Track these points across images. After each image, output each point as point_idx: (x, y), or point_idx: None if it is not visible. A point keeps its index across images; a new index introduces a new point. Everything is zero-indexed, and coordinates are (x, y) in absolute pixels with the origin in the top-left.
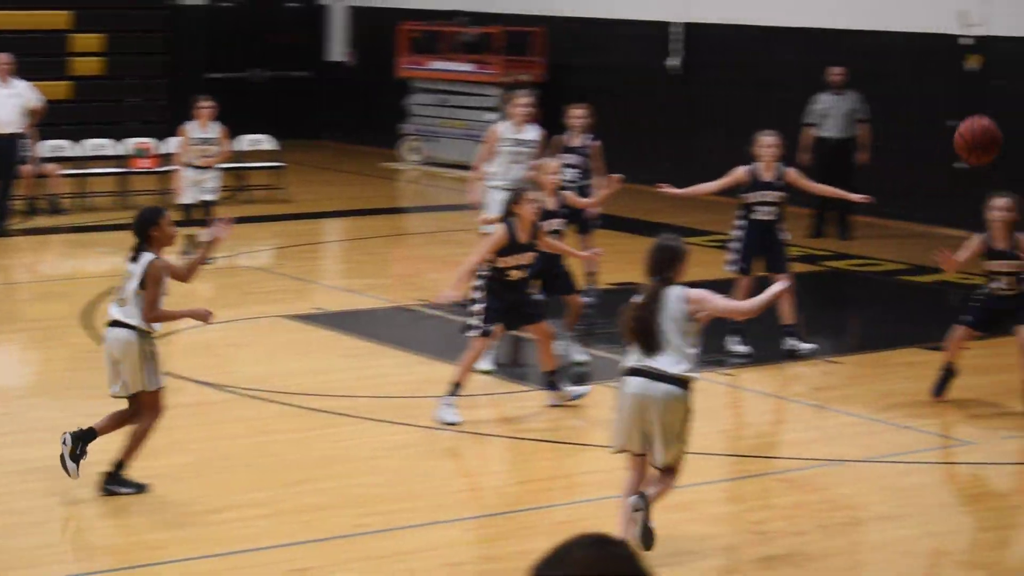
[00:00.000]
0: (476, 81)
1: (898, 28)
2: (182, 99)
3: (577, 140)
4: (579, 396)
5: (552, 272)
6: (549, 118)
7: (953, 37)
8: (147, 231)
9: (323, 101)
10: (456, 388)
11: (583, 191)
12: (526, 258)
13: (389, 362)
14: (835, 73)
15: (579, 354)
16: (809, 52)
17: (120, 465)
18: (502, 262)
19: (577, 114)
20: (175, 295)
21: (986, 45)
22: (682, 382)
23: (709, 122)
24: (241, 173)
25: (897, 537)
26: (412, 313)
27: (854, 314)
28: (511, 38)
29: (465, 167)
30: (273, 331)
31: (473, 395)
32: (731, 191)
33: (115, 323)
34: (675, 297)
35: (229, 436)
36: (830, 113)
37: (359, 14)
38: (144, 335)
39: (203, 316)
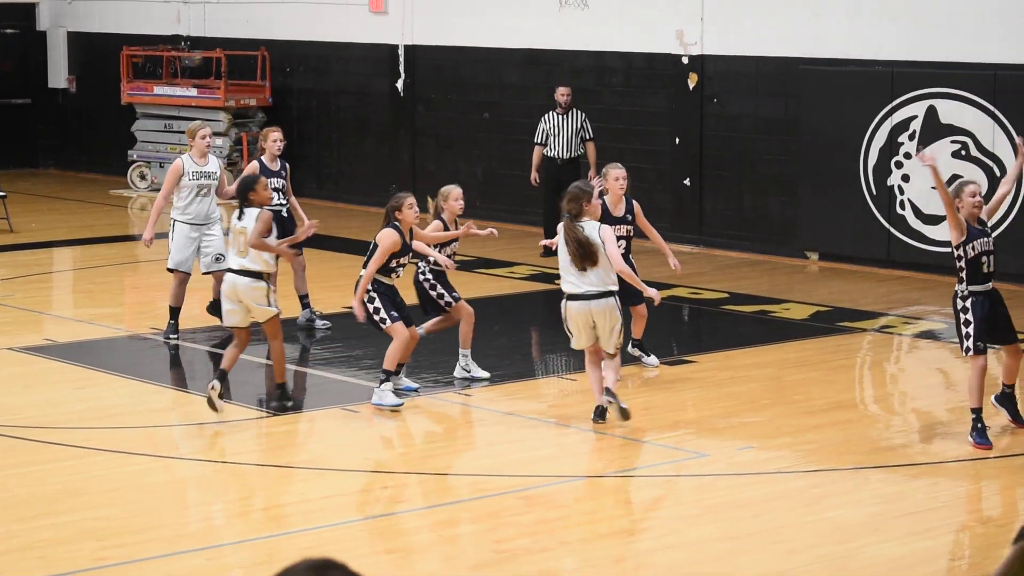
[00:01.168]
0: (201, 106)
1: (623, 48)
2: None
3: (277, 163)
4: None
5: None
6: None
7: (677, 56)
8: (246, 194)
9: (44, 128)
10: (389, 375)
11: (288, 214)
12: (406, 259)
13: (123, 392)
14: (561, 93)
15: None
16: (532, 73)
17: (283, 386)
18: (394, 262)
19: (276, 137)
20: None
21: (701, 63)
22: (609, 293)
23: (435, 143)
24: None
25: (638, 550)
26: (146, 341)
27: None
28: (234, 62)
29: None
30: (1, 364)
31: (218, 422)
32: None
33: (241, 272)
34: (591, 229)
35: None
36: (556, 132)
37: (80, 40)
38: (267, 276)
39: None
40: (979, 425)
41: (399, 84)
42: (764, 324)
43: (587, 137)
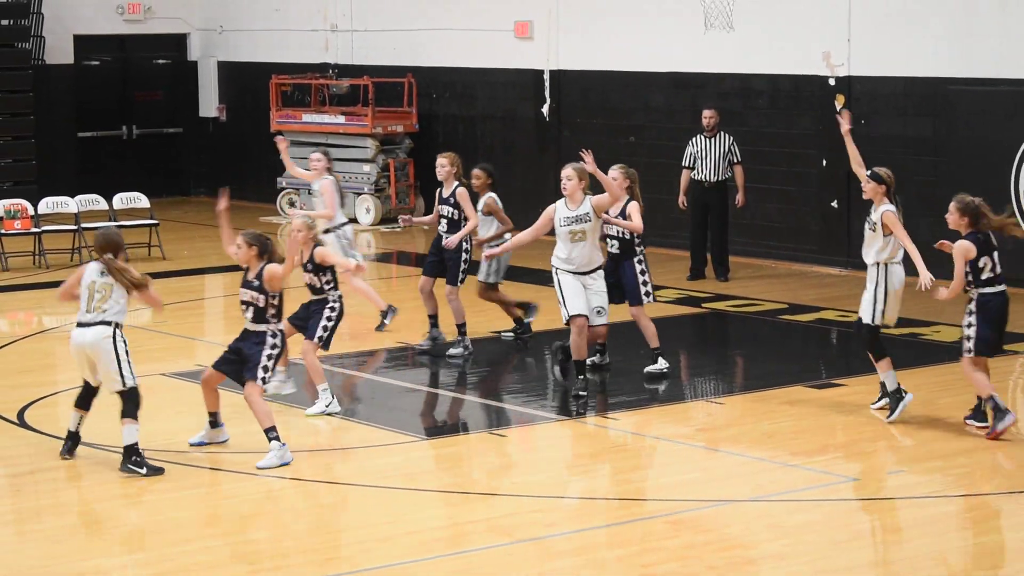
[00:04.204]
0: (349, 133)
1: (769, 70)
2: (52, 159)
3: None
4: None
5: None
6: (423, 168)
7: (824, 78)
8: None
9: (196, 157)
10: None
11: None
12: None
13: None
14: (706, 116)
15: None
16: (678, 96)
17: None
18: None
19: (615, 175)
20: None
21: (848, 85)
22: None
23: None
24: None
25: (787, 575)
26: (295, 366)
27: (736, 354)
28: (381, 89)
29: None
30: (155, 389)
31: (358, 447)
32: None
33: None
34: None
35: (111, 496)
36: (703, 156)
37: (230, 69)
38: None
39: None
40: None
41: (545, 109)
42: (914, 347)
43: (735, 160)
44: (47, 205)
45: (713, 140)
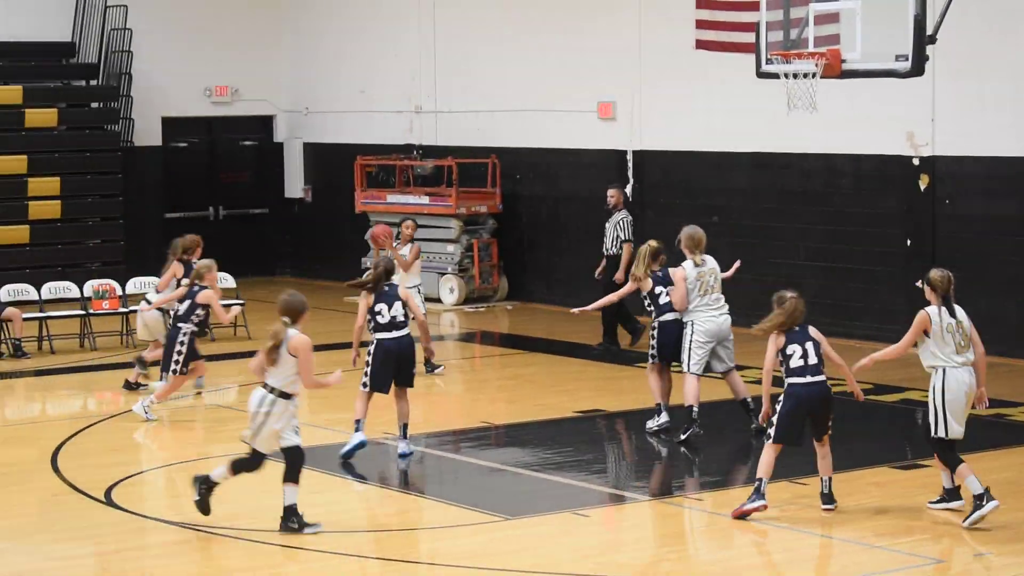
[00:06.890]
0: (433, 213)
1: (852, 150)
2: (140, 240)
3: None
4: None
5: None
6: (506, 248)
7: (908, 158)
8: None
9: (281, 237)
10: None
11: None
12: None
13: (357, 496)
14: (609, 195)
15: None
16: (760, 176)
17: None
18: None
19: None
20: None
21: (932, 165)
22: None
23: (664, 246)
24: None
25: None
26: (380, 446)
27: None
28: (465, 170)
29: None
30: None
31: (442, 527)
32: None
33: None
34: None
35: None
36: (605, 232)
37: (315, 150)
38: None
39: None
40: None
41: (628, 189)
42: (1001, 427)
43: (623, 238)
44: (135, 285)
45: (612, 217)
